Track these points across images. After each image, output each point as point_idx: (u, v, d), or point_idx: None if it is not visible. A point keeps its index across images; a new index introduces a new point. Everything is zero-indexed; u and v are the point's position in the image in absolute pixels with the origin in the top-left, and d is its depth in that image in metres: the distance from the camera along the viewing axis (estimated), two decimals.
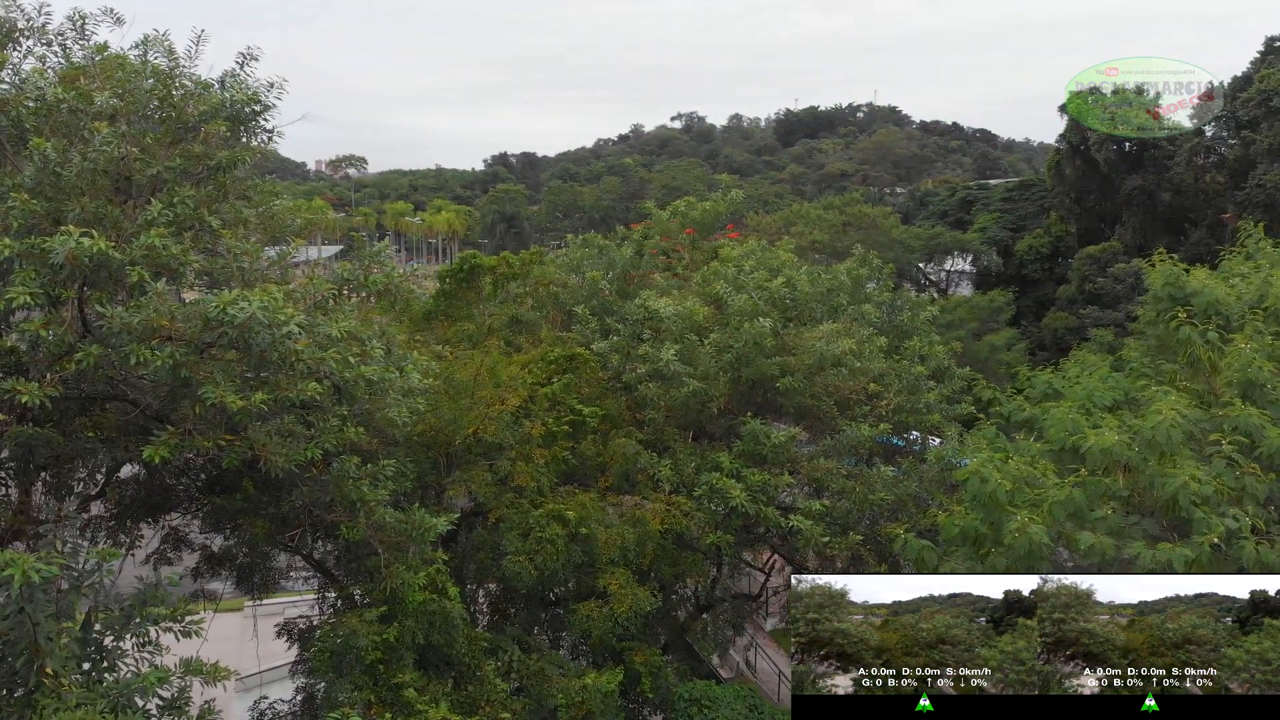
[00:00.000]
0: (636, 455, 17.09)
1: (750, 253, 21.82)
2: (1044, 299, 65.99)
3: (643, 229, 27.59)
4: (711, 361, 17.81)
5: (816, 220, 58.75)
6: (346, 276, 11.43)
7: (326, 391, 9.98)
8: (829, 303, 20.30)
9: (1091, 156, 67.16)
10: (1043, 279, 68.39)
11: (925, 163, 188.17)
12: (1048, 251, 68.96)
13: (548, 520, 14.76)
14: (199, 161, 11.44)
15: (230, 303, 9.03)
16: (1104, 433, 12.51)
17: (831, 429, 19.31)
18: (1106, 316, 55.71)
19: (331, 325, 10.05)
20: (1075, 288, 61.63)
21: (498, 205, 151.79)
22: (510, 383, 16.37)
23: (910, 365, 20.43)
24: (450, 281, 22.02)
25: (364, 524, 12.77)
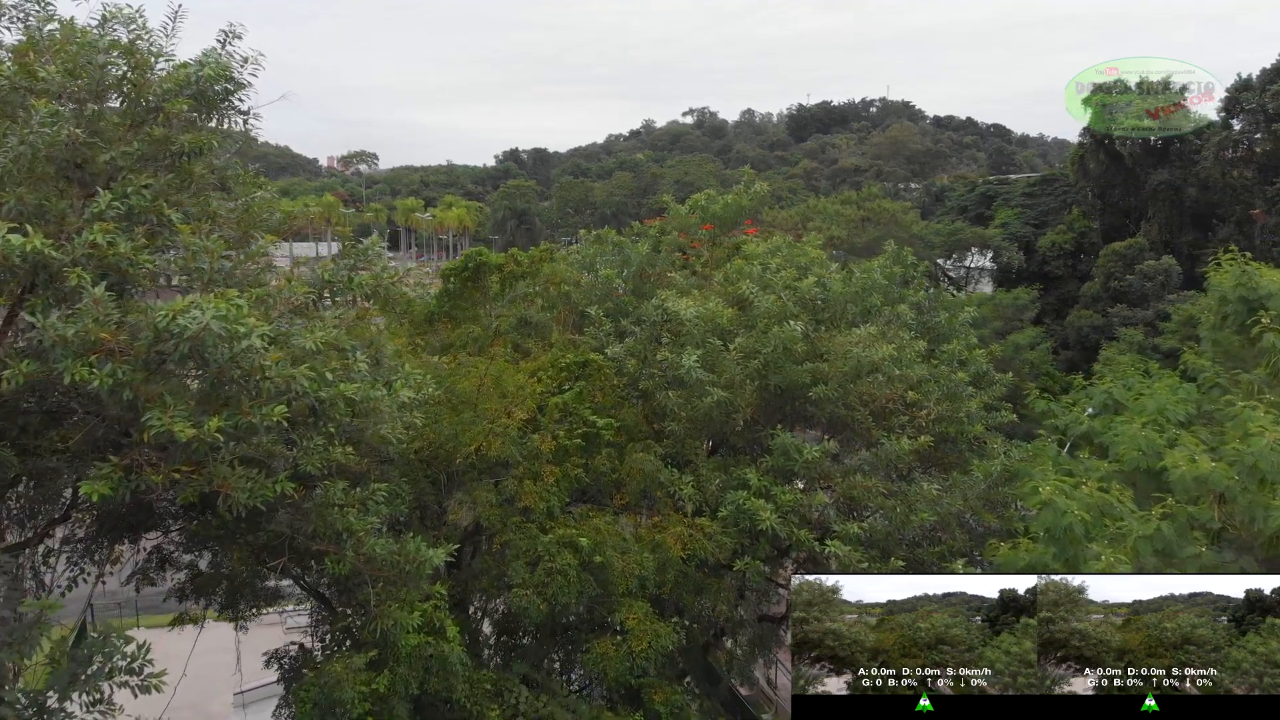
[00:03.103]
0: (656, 472, 15.59)
1: (776, 249, 20.26)
2: (1067, 296, 64.41)
3: (659, 224, 26.07)
4: (737, 368, 16.26)
5: (834, 215, 57.21)
6: (328, 278, 9.97)
7: (301, 414, 8.54)
8: (862, 304, 18.74)
9: (1116, 150, 65.74)
10: (1065, 276, 66.79)
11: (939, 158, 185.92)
12: (1071, 248, 67.30)
13: (558, 547, 13.28)
14: (161, 147, 10.00)
15: (181, 311, 7.58)
16: (1189, 455, 10.97)
17: (867, 441, 17.77)
18: (1135, 315, 53.99)
19: (307, 336, 8.59)
20: (1100, 285, 59.97)
21: (509, 201, 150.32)
22: (517, 393, 14.88)
23: (950, 371, 18.86)
24: (455, 280, 20.55)
25: (351, 556, 11.36)
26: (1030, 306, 56.74)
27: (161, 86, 10.20)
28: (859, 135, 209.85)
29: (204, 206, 10.22)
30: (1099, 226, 67.10)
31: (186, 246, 8.58)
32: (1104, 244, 62.92)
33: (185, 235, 8.65)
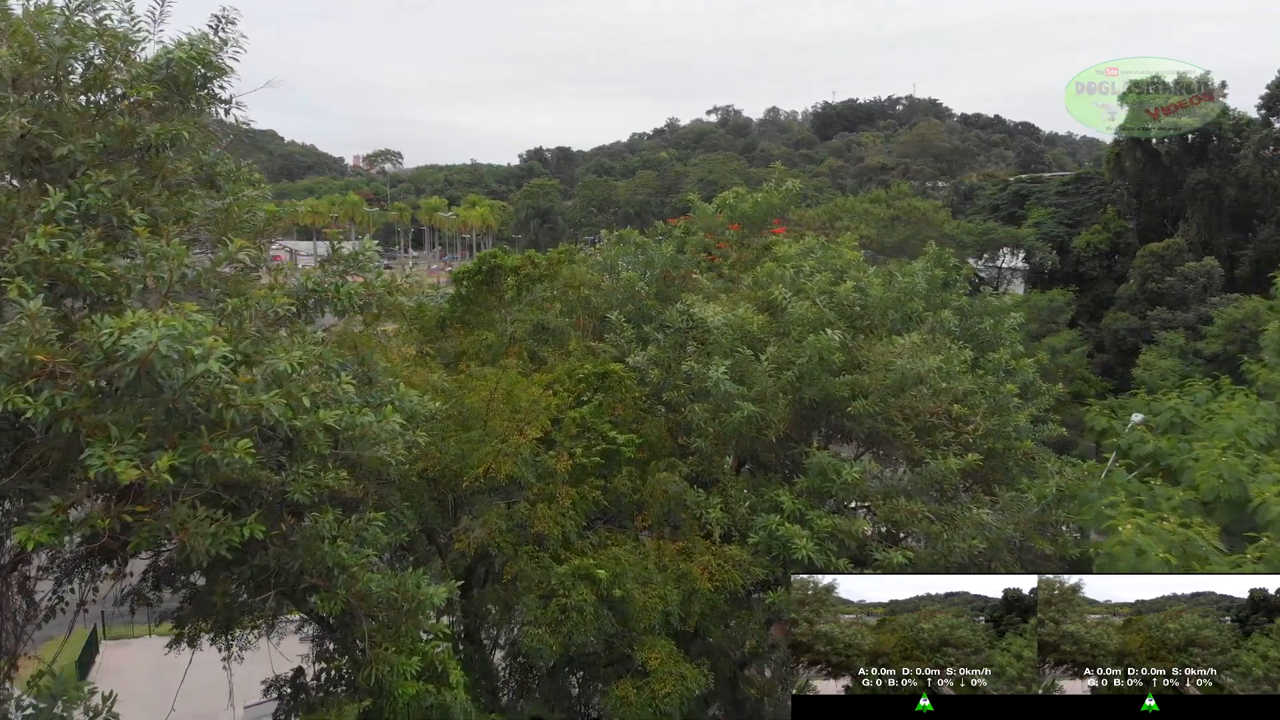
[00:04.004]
0: (681, 494, 14.37)
1: (809, 250, 18.97)
2: (1102, 298, 62.80)
3: (684, 224, 24.83)
4: (769, 380, 14.98)
5: (863, 214, 55.70)
6: (313, 287, 8.83)
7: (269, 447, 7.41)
8: (903, 309, 17.41)
9: (1153, 149, 64.17)
10: (1101, 277, 65.10)
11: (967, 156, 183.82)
12: (1106, 248, 65.43)
13: (574, 580, 12.08)
14: (126, 139, 8.90)
15: (127, 329, 6.46)
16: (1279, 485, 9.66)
17: (908, 457, 16.48)
18: (1176, 318, 52.19)
19: (281, 355, 7.44)
20: (1137, 286, 58.28)
21: (532, 200, 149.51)
22: (530, 408, 13.70)
23: (998, 382, 17.51)
24: (468, 284, 19.44)
25: (343, 595, 10.25)
26: (1066, 309, 55.02)
27: (129, 72, 9.12)
28: (885, 133, 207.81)
29: (176, 206, 9.09)
30: (1135, 226, 65.41)
31: (143, 252, 7.46)
32: (1140, 244, 61.21)
33: (143, 239, 7.53)
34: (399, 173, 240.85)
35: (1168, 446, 14.11)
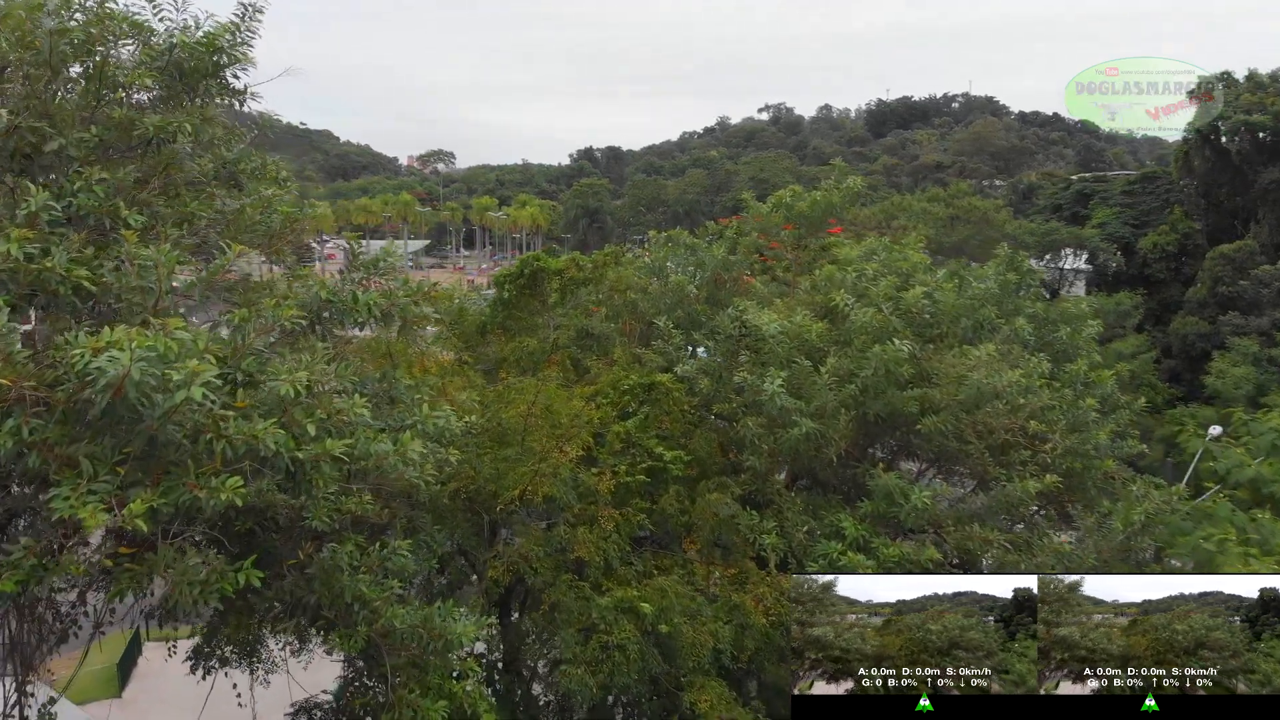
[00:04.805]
0: (733, 517, 13.28)
1: (872, 252, 17.73)
2: (1168, 301, 60.57)
3: (737, 224, 23.70)
4: (830, 394, 13.82)
5: (920, 213, 53.95)
6: (327, 297, 7.91)
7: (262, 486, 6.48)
8: (974, 317, 16.12)
9: (1223, 147, 61.78)
10: (1168, 279, 62.65)
11: (1025, 154, 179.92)
12: (1174, 250, 62.85)
13: (616, 615, 11.06)
14: (124, 132, 8.07)
15: (100, 350, 5.57)
16: None
17: (978, 478, 15.25)
18: (1249, 324, 49.84)
19: (283, 377, 6.52)
20: (1206, 290, 56.03)
21: (581, 200, 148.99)
22: (571, 423, 12.71)
23: (1078, 397, 16.17)
24: (510, 288, 18.53)
25: (364, 631, 9.36)
26: (1133, 312, 52.84)
27: (133, 59, 8.29)
28: (940, 131, 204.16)
29: (181, 207, 8.23)
30: (1203, 228, 62.99)
31: (129, 258, 6.58)
32: (1209, 246, 58.87)
33: (130, 245, 6.65)
34: (451, 172, 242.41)
35: (1270, 473, 12.71)
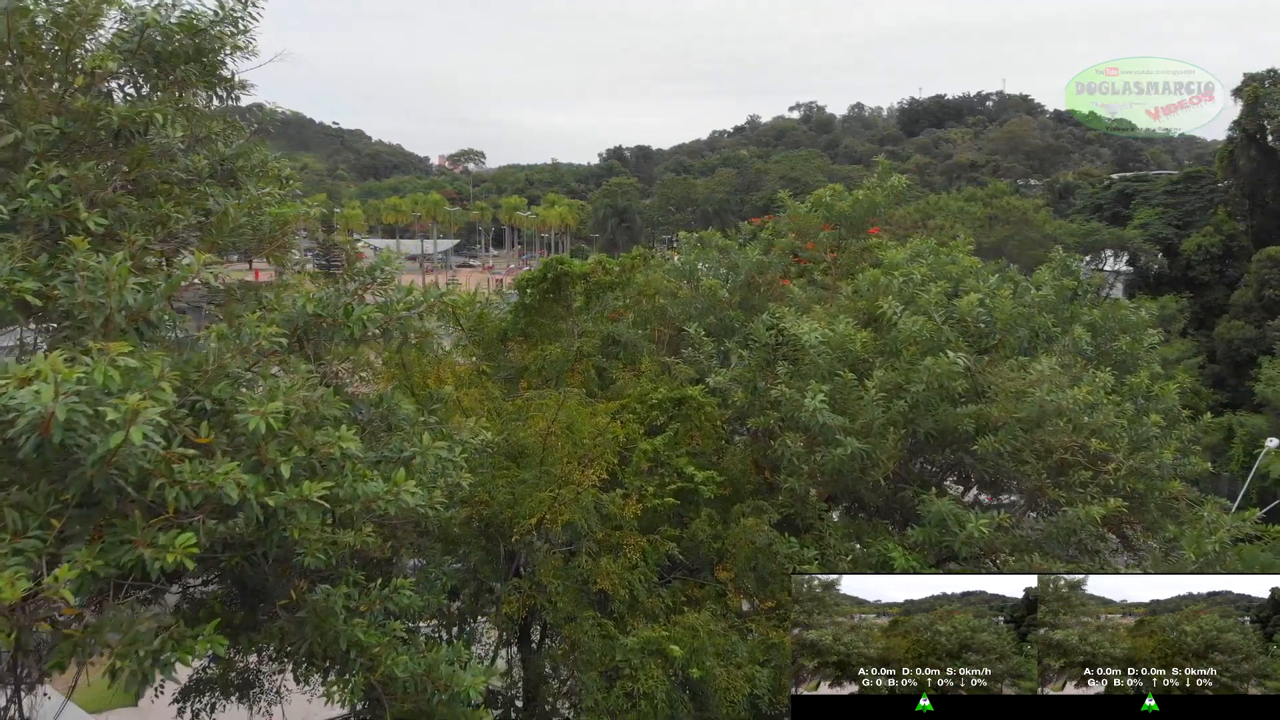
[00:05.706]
0: (771, 546, 12.21)
1: (920, 255, 16.57)
2: (1212, 305, 58.84)
3: (772, 225, 22.58)
4: (877, 410, 12.71)
5: (957, 213, 52.55)
6: (316, 310, 6.95)
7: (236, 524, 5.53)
8: (1030, 326, 14.94)
9: (1269, 147, 59.72)
10: (1212, 282, 60.75)
11: (1060, 154, 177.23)
12: (1218, 251, 60.95)
13: (642, 657, 10.03)
14: (89, 123, 7.15)
15: (25, 382, 4.63)
16: None
17: (1034, 500, 14.08)
18: None
19: (252, 408, 5.55)
20: (1253, 293, 54.31)
21: (610, 199, 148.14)
22: (594, 442, 11.69)
23: (1139, 411, 14.93)
24: (532, 292, 17.51)
25: (361, 680, 8.42)
26: (1178, 316, 51.14)
27: (98, 42, 7.38)
28: (974, 130, 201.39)
29: (155, 208, 7.30)
30: (1249, 229, 61.03)
31: (78, 269, 5.65)
32: (1255, 248, 56.94)
33: (80, 253, 5.73)
34: (481, 172, 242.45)
35: None
